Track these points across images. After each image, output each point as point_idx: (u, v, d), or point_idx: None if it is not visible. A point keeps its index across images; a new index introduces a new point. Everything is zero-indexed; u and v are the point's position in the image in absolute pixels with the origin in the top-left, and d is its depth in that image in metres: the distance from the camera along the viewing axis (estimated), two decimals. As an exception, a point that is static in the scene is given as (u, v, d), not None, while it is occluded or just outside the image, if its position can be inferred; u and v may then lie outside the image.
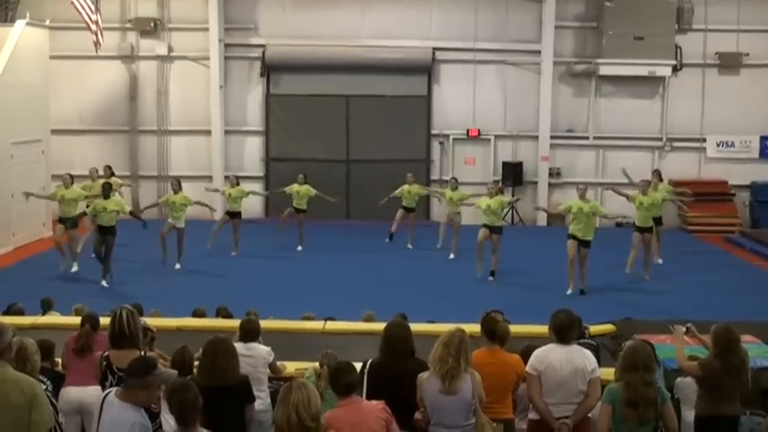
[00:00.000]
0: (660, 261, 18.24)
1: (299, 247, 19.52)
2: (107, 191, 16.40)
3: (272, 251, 19.26)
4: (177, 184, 18.08)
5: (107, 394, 5.65)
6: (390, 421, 5.86)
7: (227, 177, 21.00)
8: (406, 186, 19.93)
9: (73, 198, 17.05)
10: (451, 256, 18.49)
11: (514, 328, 7.85)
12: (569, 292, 15.61)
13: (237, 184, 19.30)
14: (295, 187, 19.75)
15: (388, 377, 6.55)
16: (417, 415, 6.40)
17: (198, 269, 17.46)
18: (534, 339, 7.87)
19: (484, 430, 6.39)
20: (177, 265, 17.50)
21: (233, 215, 19.07)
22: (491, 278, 16.82)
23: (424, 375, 6.40)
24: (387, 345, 6.71)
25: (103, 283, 15.96)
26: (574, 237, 15.71)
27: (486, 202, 16.87)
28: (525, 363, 6.93)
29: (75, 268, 16.84)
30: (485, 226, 16.85)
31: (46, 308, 11.83)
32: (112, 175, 19.35)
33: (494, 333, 7.11)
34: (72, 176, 17.50)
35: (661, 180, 19.40)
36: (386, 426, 5.81)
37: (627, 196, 17.35)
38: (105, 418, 5.49)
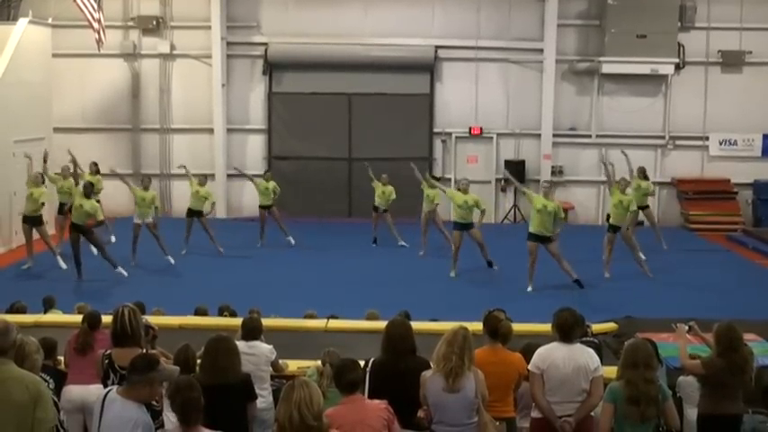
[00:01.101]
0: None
1: (292, 241, 19.57)
2: (88, 191, 16.31)
3: (274, 249, 19.25)
4: (148, 180, 18.17)
5: (108, 392, 5.64)
6: (392, 421, 5.85)
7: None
8: (380, 186, 19.88)
9: (37, 198, 17.10)
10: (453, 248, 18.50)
11: (516, 327, 7.84)
12: (529, 289, 15.63)
13: (204, 184, 19.12)
14: (262, 183, 19.73)
15: (389, 375, 6.56)
16: (420, 413, 6.41)
17: (200, 268, 17.47)
18: (537, 337, 7.87)
19: (487, 429, 6.39)
20: (171, 260, 17.56)
21: (195, 213, 18.72)
22: (495, 267, 16.96)
23: (427, 374, 6.40)
24: (388, 343, 6.72)
25: (121, 270, 16.04)
26: (534, 236, 15.63)
27: (463, 198, 16.83)
28: (525, 361, 6.94)
29: (63, 265, 16.91)
30: (456, 225, 16.87)
31: (48, 306, 11.85)
32: (98, 172, 19.33)
33: (496, 331, 7.10)
34: (43, 176, 17.63)
35: (646, 178, 19.42)
36: (387, 425, 5.81)
37: (609, 184, 17.28)
38: (107, 416, 5.49)
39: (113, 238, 18.08)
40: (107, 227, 17.97)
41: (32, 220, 17.25)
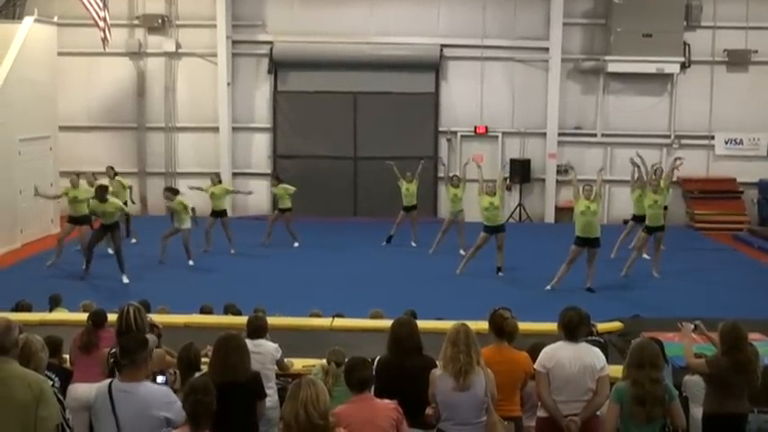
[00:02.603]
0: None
1: (296, 243, 19.55)
2: (102, 195, 16.13)
3: (279, 248, 19.24)
4: (175, 191, 18.21)
5: (110, 384, 5.58)
6: (401, 421, 5.85)
7: (234, 174, 21.01)
8: (405, 184, 19.91)
9: (84, 198, 17.05)
10: (462, 252, 18.45)
11: (523, 326, 7.83)
12: (548, 287, 15.60)
13: (219, 182, 19.37)
14: (273, 189, 20.09)
15: (395, 374, 6.56)
16: (428, 410, 6.41)
17: (205, 266, 17.47)
18: (542, 337, 7.86)
19: (495, 428, 6.38)
20: (191, 262, 17.53)
21: (219, 214, 18.90)
22: (500, 273, 16.85)
23: (436, 371, 6.40)
24: (393, 341, 6.73)
25: (124, 279, 15.94)
26: (581, 240, 15.61)
27: (488, 200, 16.79)
28: (533, 360, 6.92)
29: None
30: (486, 228, 16.78)
31: (53, 304, 11.87)
32: (116, 175, 19.39)
33: (502, 330, 7.08)
34: (78, 175, 17.59)
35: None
36: (396, 425, 5.81)
37: (641, 184, 17.60)
38: (125, 410, 5.45)
39: (133, 240, 18.81)
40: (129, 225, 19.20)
41: (80, 221, 17.20)
